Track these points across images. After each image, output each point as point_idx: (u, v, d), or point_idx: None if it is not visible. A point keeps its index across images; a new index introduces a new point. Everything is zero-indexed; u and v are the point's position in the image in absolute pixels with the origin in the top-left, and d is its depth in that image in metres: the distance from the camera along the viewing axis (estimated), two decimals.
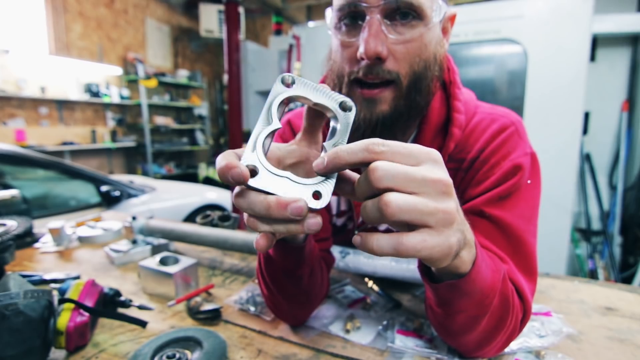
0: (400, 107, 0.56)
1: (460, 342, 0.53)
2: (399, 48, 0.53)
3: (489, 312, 0.46)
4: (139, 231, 1.08)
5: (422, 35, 0.53)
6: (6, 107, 4.19)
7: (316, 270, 0.58)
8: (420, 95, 0.57)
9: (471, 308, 0.45)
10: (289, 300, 0.60)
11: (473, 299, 0.43)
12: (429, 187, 0.30)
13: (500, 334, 0.50)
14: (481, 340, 0.51)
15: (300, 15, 5.48)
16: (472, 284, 0.41)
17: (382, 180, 0.30)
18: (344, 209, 0.74)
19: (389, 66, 0.53)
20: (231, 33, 3.16)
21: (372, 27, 0.51)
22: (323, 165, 0.32)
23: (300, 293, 0.58)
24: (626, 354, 0.58)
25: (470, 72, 2.34)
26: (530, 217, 0.57)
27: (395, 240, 0.30)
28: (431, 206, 0.30)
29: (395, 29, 0.52)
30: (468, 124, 0.62)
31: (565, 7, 2.01)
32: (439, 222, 0.31)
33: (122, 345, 0.61)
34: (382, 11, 0.51)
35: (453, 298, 0.44)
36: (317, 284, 0.60)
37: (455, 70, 0.65)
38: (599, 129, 2.77)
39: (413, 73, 0.54)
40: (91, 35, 5.04)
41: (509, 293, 0.47)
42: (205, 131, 7.09)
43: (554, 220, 2.10)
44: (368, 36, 0.51)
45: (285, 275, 0.54)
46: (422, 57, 0.54)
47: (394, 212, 0.29)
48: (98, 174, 2.32)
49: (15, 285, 0.55)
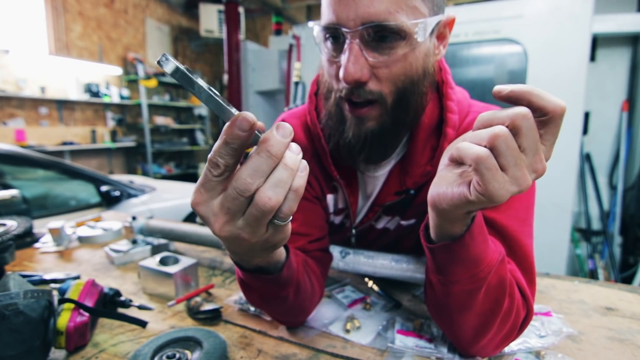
0: (386, 123, 0.57)
1: (456, 325, 0.51)
2: (381, 70, 0.53)
3: (483, 286, 0.45)
4: (139, 231, 1.08)
5: (405, 55, 0.53)
6: (6, 107, 4.19)
7: (302, 284, 0.56)
8: (406, 112, 0.58)
9: (465, 278, 0.45)
10: (279, 315, 0.60)
11: (466, 267, 0.44)
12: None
13: (496, 322, 0.48)
14: (477, 325, 0.49)
15: (300, 15, 5.47)
16: (466, 249, 0.42)
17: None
18: (341, 207, 0.74)
19: (372, 87, 0.54)
20: (231, 33, 3.16)
21: (351, 52, 0.51)
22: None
23: (288, 309, 0.57)
24: (626, 354, 0.58)
25: (470, 72, 2.34)
26: (525, 218, 0.57)
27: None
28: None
29: (376, 50, 0.52)
30: (461, 123, 0.62)
31: (565, 7, 2.01)
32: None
33: (122, 345, 0.61)
34: (361, 36, 0.51)
35: (447, 264, 0.45)
36: (307, 296, 0.59)
37: (447, 70, 0.65)
38: (599, 129, 2.77)
39: (397, 91, 0.55)
40: (91, 35, 5.04)
41: (506, 275, 0.47)
42: (205, 131, 7.09)
43: (554, 220, 2.10)
44: (347, 62, 0.52)
45: (267, 300, 0.53)
46: (407, 74, 0.54)
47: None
48: (98, 174, 2.32)
49: (15, 285, 0.55)
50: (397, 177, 0.66)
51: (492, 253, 0.45)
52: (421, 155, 0.63)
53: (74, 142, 4.85)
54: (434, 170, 0.60)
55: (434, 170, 0.59)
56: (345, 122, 0.59)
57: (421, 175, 0.63)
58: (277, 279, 0.48)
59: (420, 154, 0.63)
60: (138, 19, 5.75)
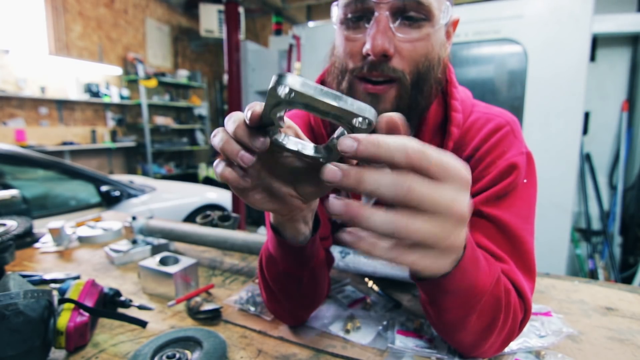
0: (402, 106, 0.55)
1: (454, 340, 0.53)
2: (405, 47, 0.52)
3: (476, 312, 0.45)
4: (139, 231, 1.08)
5: (429, 36, 0.53)
6: (6, 107, 4.19)
7: (318, 273, 0.57)
8: (422, 96, 0.56)
9: (457, 306, 0.45)
10: (289, 300, 0.60)
11: (458, 298, 0.43)
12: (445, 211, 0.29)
13: (494, 334, 0.50)
14: (475, 339, 0.51)
15: (300, 15, 5.47)
16: (455, 283, 0.41)
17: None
18: None
19: (395, 64, 0.52)
20: (231, 33, 3.16)
21: (380, 23, 0.50)
22: (353, 148, 0.28)
23: (300, 294, 0.58)
24: (626, 354, 0.58)
25: (470, 72, 2.34)
26: (527, 216, 0.57)
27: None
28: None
29: (403, 27, 0.52)
30: (465, 122, 0.62)
31: (565, 7, 2.01)
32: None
33: (122, 345, 0.61)
34: (390, 8, 0.51)
35: (438, 296, 0.44)
36: (319, 287, 0.60)
37: (451, 69, 0.65)
38: (599, 129, 2.77)
39: (417, 72, 0.54)
40: (91, 35, 5.04)
41: (501, 295, 0.47)
42: (205, 131, 7.09)
43: (554, 220, 2.10)
44: (375, 32, 0.50)
45: (286, 275, 0.54)
46: (427, 57, 0.54)
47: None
48: (98, 174, 2.32)
49: (15, 285, 0.55)
50: None
51: (485, 278, 0.44)
52: None
53: (74, 142, 4.85)
54: None
55: None
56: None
57: None
58: (300, 252, 0.51)
59: None
60: (138, 19, 5.75)
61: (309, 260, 0.53)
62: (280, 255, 0.52)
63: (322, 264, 0.59)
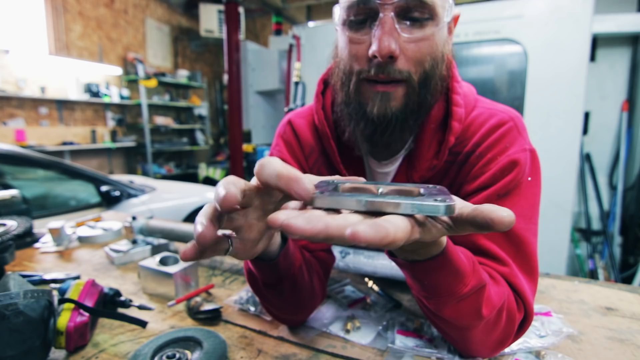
0: (411, 104, 0.55)
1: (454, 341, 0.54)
2: (410, 47, 0.52)
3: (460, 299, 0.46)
4: (139, 231, 1.08)
5: (433, 35, 0.53)
6: (6, 107, 4.19)
7: (299, 281, 0.56)
8: (430, 94, 0.56)
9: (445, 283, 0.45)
10: (276, 308, 0.60)
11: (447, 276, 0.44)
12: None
13: (491, 339, 0.51)
14: (471, 344, 0.52)
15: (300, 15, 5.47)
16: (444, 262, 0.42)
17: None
18: None
19: (400, 65, 0.52)
20: (231, 33, 3.15)
21: (385, 25, 0.50)
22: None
23: (285, 302, 0.58)
24: (626, 354, 0.58)
25: (471, 72, 2.34)
26: (530, 215, 0.56)
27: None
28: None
29: (407, 27, 0.52)
30: (467, 117, 0.62)
31: (565, 7, 2.01)
32: None
33: (122, 345, 0.61)
34: (395, 9, 0.50)
35: (423, 278, 0.45)
36: (305, 294, 0.59)
37: (454, 64, 0.64)
38: (599, 129, 2.77)
39: (423, 72, 0.54)
40: (91, 35, 5.04)
41: (484, 283, 0.47)
42: (205, 131, 7.09)
43: (554, 220, 2.10)
44: (382, 34, 0.50)
45: (266, 287, 0.55)
46: (432, 56, 0.54)
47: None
48: (98, 174, 2.32)
49: (15, 285, 0.55)
50: (404, 173, 0.65)
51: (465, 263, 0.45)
52: (428, 149, 0.62)
53: (74, 142, 4.85)
54: (440, 163, 0.60)
55: (440, 163, 0.60)
56: (367, 104, 0.56)
57: (427, 169, 0.62)
58: (274, 267, 0.50)
59: (427, 147, 0.62)
60: (138, 19, 5.75)
61: (286, 270, 0.52)
62: (256, 270, 0.52)
63: (302, 270, 0.57)
